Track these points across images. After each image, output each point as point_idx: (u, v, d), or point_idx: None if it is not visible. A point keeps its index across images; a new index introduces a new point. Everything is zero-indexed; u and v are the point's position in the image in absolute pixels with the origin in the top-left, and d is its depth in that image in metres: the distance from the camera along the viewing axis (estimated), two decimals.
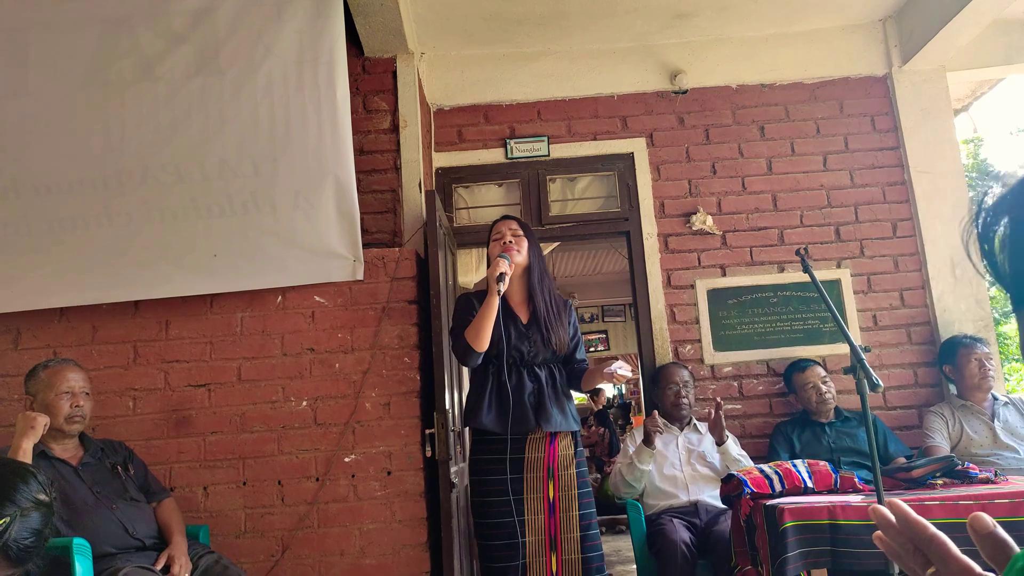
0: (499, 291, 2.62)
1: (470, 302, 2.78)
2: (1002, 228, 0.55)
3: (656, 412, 3.43)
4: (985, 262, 0.57)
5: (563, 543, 2.62)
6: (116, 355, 3.19)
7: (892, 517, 0.72)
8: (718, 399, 3.30)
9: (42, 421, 2.48)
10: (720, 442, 3.28)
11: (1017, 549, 0.65)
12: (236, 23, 3.32)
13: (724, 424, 3.26)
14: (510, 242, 2.79)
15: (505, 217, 2.96)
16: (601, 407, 9.13)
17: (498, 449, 2.65)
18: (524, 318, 2.80)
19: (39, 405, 2.59)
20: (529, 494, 2.63)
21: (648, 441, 3.27)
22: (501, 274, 2.63)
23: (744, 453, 3.31)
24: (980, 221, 0.57)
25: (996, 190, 0.57)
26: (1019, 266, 0.54)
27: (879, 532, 0.75)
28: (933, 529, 0.70)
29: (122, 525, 2.52)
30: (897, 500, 0.74)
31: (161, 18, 3.33)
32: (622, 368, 2.59)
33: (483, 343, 2.63)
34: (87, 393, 2.69)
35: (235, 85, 3.28)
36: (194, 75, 3.29)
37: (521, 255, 2.78)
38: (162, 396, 3.16)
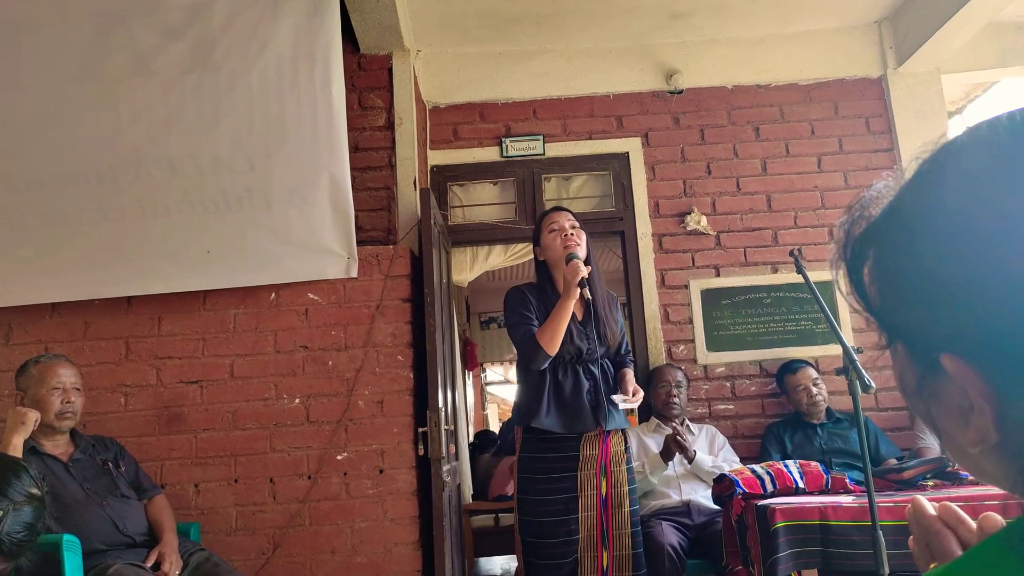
0: (584, 296, 2.55)
1: (524, 297, 2.70)
2: (870, 259, 0.53)
3: (678, 427, 3.39)
4: (855, 294, 0.55)
5: (615, 539, 2.62)
6: (108, 351, 3.18)
7: (931, 511, 0.72)
8: (675, 424, 3.29)
9: (32, 417, 2.47)
10: (689, 460, 3.27)
11: (957, 551, 0.65)
12: (231, 19, 3.31)
13: (686, 444, 3.20)
14: (571, 234, 2.68)
15: (558, 209, 2.83)
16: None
17: (554, 447, 2.62)
18: (580, 315, 2.73)
19: (30, 401, 2.57)
20: (583, 491, 2.62)
21: (667, 457, 3.22)
22: (583, 279, 2.52)
23: (720, 464, 3.26)
24: (848, 252, 0.55)
25: (862, 220, 0.54)
26: (890, 300, 0.52)
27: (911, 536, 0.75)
28: (939, 525, 0.70)
29: (112, 522, 2.51)
30: (919, 496, 0.73)
31: (156, 13, 3.32)
32: (625, 402, 2.63)
33: (556, 346, 2.56)
34: (78, 389, 2.68)
35: (230, 81, 3.27)
36: (189, 70, 3.28)
37: (583, 250, 2.67)
38: (154, 392, 3.15)
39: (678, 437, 3.18)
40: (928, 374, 0.50)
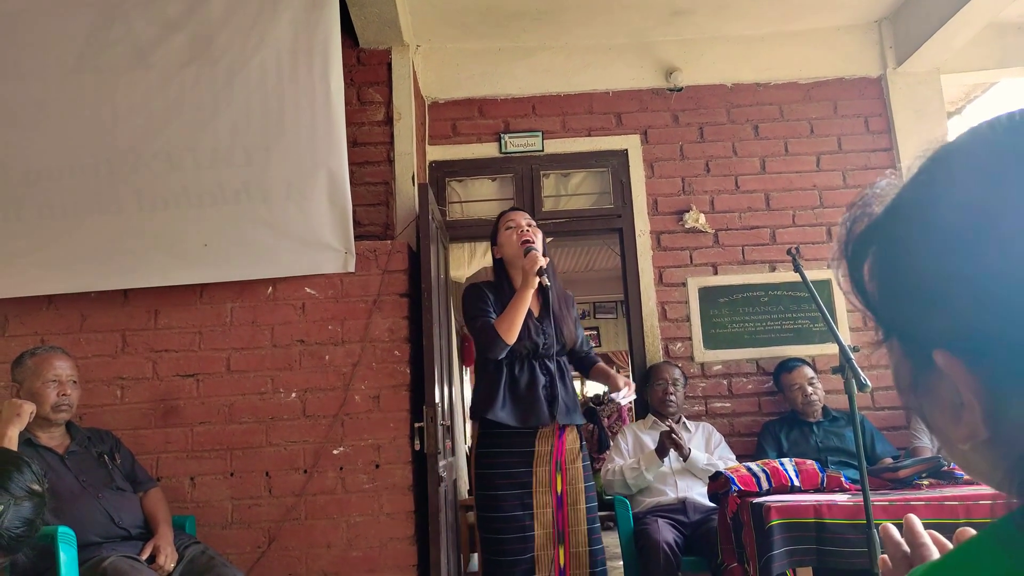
0: (546, 284, 2.62)
1: (482, 292, 2.75)
2: (871, 257, 0.54)
3: (673, 425, 3.39)
4: (855, 291, 0.56)
5: (571, 536, 2.63)
6: (104, 343, 3.17)
7: (899, 537, 0.72)
8: (669, 422, 3.29)
9: (28, 409, 2.47)
10: (684, 458, 3.27)
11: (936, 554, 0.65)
12: (230, 12, 3.30)
13: (681, 443, 3.21)
14: (527, 230, 2.74)
15: (515, 209, 2.94)
16: (590, 405, 9.16)
17: (508, 442, 2.64)
18: (536, 311, 2.78)
19: (25, 393, 2.57)
20: (538, 487, 2.63)
21: (662, 453, 3.22)
22: (541, 268, 2.61)
23: (716, 462, 3.27)
24: (849, 249, 0.56)
25: (864, 217, 0.55)
26: (888, 296, 0.53)
27: (884, 556, 0.75)
28: (925, 539, 0.70)
29: (108, 514, 2.51)
30: (911, 515, 0.73)
31: (155, 5, 3.31)
32: (625, 397, 2.66)
33: (515, 335, 2.61)
34: (74, 381, 2.67)
35: (228, 74, 3.26)
36: (187, 63, 3.27)
37: (540, 245, 2.74)
38: (150, 385, 3.15)
39: (673, 435, 3.19)
40: (922, 370, 0.50)
